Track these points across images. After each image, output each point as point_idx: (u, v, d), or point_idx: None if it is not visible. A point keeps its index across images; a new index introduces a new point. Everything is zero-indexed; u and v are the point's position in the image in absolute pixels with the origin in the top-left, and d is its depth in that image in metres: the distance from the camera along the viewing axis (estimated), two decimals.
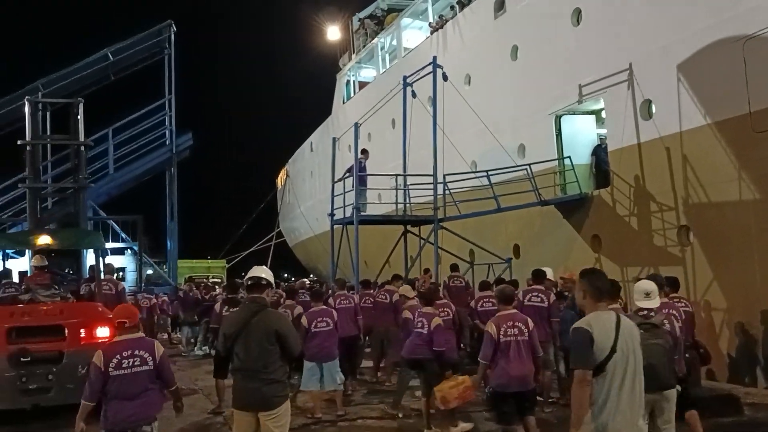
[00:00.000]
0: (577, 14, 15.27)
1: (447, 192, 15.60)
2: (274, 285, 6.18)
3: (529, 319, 6.93)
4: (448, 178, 15.59)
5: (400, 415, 9.36)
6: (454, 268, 14.81)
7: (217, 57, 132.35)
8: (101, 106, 14.22)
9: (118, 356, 5.40)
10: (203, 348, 16.70)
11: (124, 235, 16.67)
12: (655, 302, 6.40)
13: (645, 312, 6.31)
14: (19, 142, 12.55)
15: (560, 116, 16.10)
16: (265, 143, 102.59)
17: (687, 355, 7.10)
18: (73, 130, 12.55)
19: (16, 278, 11.66)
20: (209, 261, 39.63)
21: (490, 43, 18.59)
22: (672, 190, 12.95)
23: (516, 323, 6.74)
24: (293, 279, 38.69)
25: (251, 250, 43.57)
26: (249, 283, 5.84)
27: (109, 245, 16.09)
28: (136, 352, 5.46)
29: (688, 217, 12.72)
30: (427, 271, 15.62)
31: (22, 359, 9.01)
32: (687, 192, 12.67)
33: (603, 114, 15.77)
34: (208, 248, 46.81)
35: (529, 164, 15.49)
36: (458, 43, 20.24)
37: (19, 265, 14.26)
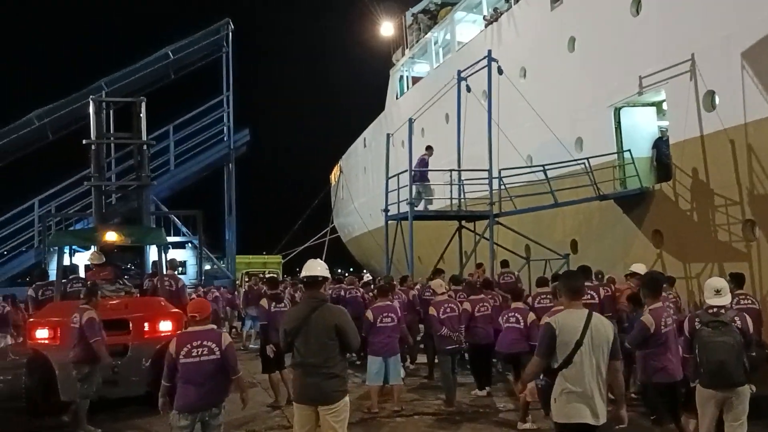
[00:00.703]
0: (637, 4, 14.87)
1: (502, 187, 15.44)
2: (330, 278, 6.20)
3: (530, 314, 7.61)
4: (503, 173, 15.42)
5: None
6: (504, 264, 14.67)
7: (271, 54, 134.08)
8: (161, 104, 14.55)
9: (188, 345, 5.80)
10: None
11: (184, 230, 17.05)
12: (725, 299, 6.27)
13: (715, 309, 6.18)
14: (84, 142, 12.94)
15: (619, 108, 15.74)
16: (319, 139, 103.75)
17: (753, 354, 6.88)
18: (135, 128, 12.88)
19: (82, 273, 11.99)
20: (265, 256, 40.19)
21: (546, 35, 18.27)
22: (736, 183, 12.52)
23: (516, 314, 7.50)
24: (346, 274, 38.90)
25: (306, 245, 44.03)
26: (305, 281, 5.91)
27: (171, 239, 16.46)
28: (204, 342, 5.82)
29: (753, 210, 12.27)
30: (480, 265, 15.51)
31: None
32: (752, 185, 12.23)
33: (664, 106, 15.33)
34: (264, 244, 47.53)
35: (587, 158, 15.19)
36: (513, 36, 19.96)
37: (85, 258, 14.73)
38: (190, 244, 15.86)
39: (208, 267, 19.84)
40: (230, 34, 16.49)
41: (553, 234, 17.13)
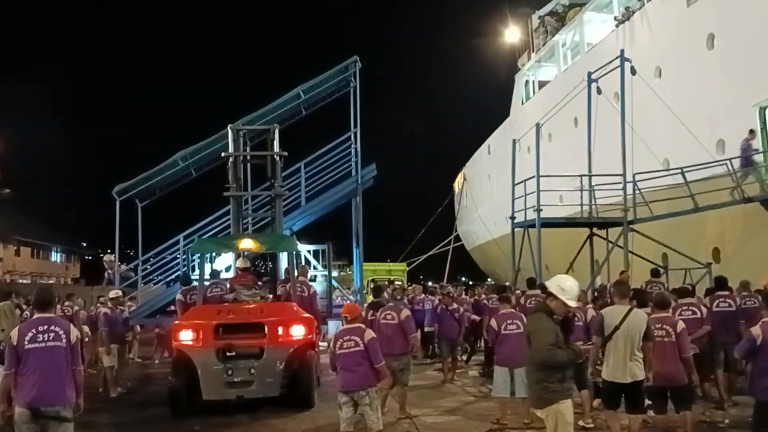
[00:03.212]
0: None
1: (637, 192, 14.75)
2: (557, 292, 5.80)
3: (679, 322, 7.57)
4: (638, 177, 14.74)
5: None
6: (655, 273, 13.87)
7: (391, 62, 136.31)
8: (292, 142, 15.31)
9: (340, 340, 7.25)
10: None
11: (314, 263, 17.55)
12: None
13: None
14: (222, 154, 13.74)
15: (765, 108, 14.70)
16: (442, 148, 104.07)
17: None
18: (270, 146, 13.68)
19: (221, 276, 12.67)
20: (390, 264, 40.62)
21: (683, 33, 17.45)
22: None
23: (664, 325, 7.40)
24: (471, 283, 38.63)
25: (430, 253, 44.08)
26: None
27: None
28: (352, 337, 7.21)
29: None
30: (623, 272, 14.85)
31: (227, 354, 9.75)
32: None
33: None
34: (388, 252, 48.09)
35: (730, 159, 14.24)
36: (647, 35, 19.17)
37: (224, 262, 15.54)
38: (320, 276, 16.34)
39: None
40: (357, 71, 16.98)
41: (694, 242, 16.15)
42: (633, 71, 15.59)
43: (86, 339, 11.50)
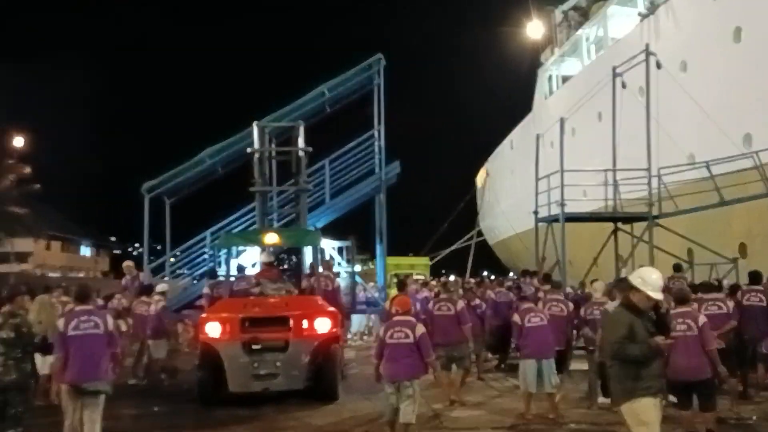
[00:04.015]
0: None
1: (662, 186, 14.65)
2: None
3: (701, 316, 7.47)
4: (662, 172, 14.63)
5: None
6: (677, 268, 13.77)
7: (414, 57, 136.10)
8: (315, 138, 15.43)
9: (391, 330, 7.54)
10: None
11: (338, 260, 17.65)
12: None
13: None
14: (248, 150, 13.92)
15: None
16: (465, 142, 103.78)
17: None
18: (294, 143, 13.84)
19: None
20: (412, 258, 40.62)
21: (709, 26, 17.26)
22: None
23: (686, 320, 7.29)
24: (492, 278, 38.50)
25: (452, 248, 44.03)
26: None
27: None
28: (403, 329, 7.48)
29: None
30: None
31: (253, 347, 9.87)
32: None
33: None
34: (410, 246, 48.06)
35: (756, 152, 14.08)
36: (672, 29, 18.98)
37: (250, 258, 15.72)
38: (344, 273, 16.44)
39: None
40: (381, 69, 17.04)
41: (720, 236, 16.00)
42: (658, 65, 15.50)
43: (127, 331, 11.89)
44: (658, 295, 5.44)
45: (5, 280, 27.79)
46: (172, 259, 17.98)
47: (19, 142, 43.79)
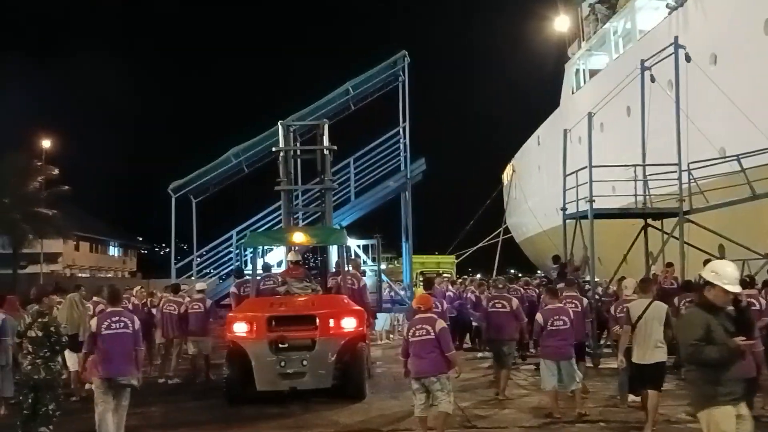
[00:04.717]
0: None
1: (692, 181, 14.37)
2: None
3: None
4: (693, 166, 14.36)
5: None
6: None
7: (439, 53, 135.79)
8: (340, 136, 15.44)
9: (413, 328, 7.70)
10: None
11: (364, 257, 17.61)
12: None
13: None
14: (273, 149, 13.96)
15: None
16: (491, 139, 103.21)
17: None
18: (319, 142, 13.88)
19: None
20: (438, 256, 40.49)
21: (739, 18, 16.92)
22: None
23: None
24: (520, 275, 38.27)
25: (479, 246, 43.75)
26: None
27: None
28: (424, 326, 7.62)
29: None
30: (670, 265, 14.53)
31: (280, 345, 9.90)
32: None
33: None
34: (436, 244, 47.89)
35: None
36: (701, 21, 18.63)
37: (276, 257, 15.78)
38: (370, 271, 16.38)
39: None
40: (406, 66, 16.95)
41: (753, 232, 15.65)
42: (688, 58, 15.16)
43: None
44: (736, 288, 5.01)
45: (35, 280, 28.30)
46: (198, 259, 18.13)
47: (47, 144, 44.58)
